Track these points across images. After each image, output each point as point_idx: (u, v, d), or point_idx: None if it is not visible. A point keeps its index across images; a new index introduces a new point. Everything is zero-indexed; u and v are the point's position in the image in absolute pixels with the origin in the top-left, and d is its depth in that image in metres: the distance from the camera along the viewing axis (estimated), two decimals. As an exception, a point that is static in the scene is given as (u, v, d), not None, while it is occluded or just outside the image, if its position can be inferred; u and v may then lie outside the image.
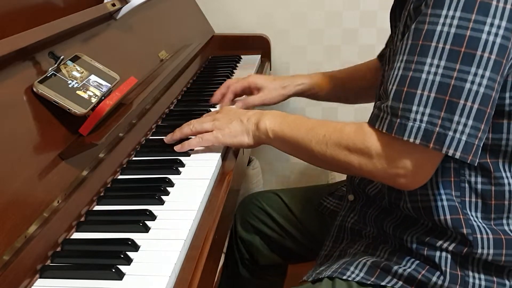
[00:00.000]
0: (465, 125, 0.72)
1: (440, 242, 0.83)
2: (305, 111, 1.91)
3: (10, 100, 0.77)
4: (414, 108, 0.73)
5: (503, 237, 0.82)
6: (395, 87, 0.76)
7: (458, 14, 0.71)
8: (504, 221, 0.83)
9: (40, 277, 0.68)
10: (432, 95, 0.72)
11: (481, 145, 0.74)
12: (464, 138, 0.72)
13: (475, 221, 0.82)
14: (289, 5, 1.80)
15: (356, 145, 0.80)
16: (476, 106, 0.72)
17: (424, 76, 0.73)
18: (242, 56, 1.65)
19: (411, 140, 0.73)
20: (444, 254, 0.83)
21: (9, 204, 0.68)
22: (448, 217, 0.82)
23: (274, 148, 0.94)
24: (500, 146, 0.80)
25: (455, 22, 0.71)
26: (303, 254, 1.19)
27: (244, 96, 1.23)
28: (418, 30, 0.74)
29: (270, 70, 1.75)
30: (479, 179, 0.82)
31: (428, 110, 0.73)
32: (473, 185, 0.83)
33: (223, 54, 1.67)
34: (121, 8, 1.14)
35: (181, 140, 0.99)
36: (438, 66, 0.72)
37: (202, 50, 1.55)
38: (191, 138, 0.98)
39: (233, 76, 1.49)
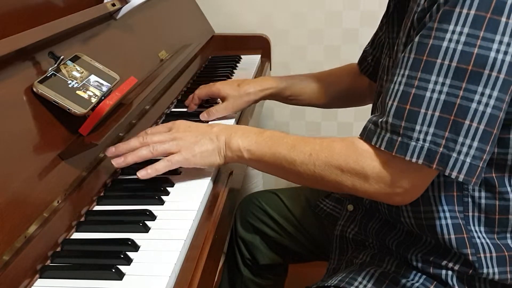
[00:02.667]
0: (470, 146, 0.69)
1: (445, 262, 0.82)
2: (305, 111, 1.91)
3: (10, 100, 0.77)
4: (418, 127, 0.70)
5: (506, 254, 0.81)
6: (396, 103, 0.72)
7: (466, 30, 0.67)
8: (508, 235, 0.82)
9: (40, 277, 0.69)
10: (437, 114, 0.69)
11: (485, 166, 0.71)
12: (468, 160, 0.69)
13: (478, 237, 0.81)
14: (289, 5, 1.80)
15: (349, 165, 0.76)
16: (482, 127, 0.69)
17: (428, 94, 0.70)
18: (242, 56, 1.65)
19: (414, 160, 0.70)
20: (450, 272, 0.82)
21: (9, 204, 0.68)
22: (452, 236, 0.81)
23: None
24: (506, 160, 0.79)
25: (463, 38, 0.68)
26: (303, 254, 1.19)
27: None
28: (422, 45, 0.71)
29: (270, 70, 1.75)
30: (483, 194, 0.80)
31: (432, 130, 0.70)
32: (476, 200, 0.81)
33: (223, 54, 1.67)
34: (121, 8, 1.14)
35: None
36: (443, 84, 0.69)
37: (202, 50, 1.55)
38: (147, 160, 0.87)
39: (233, 76, 1.49)
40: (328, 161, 0.77)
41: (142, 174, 0.85)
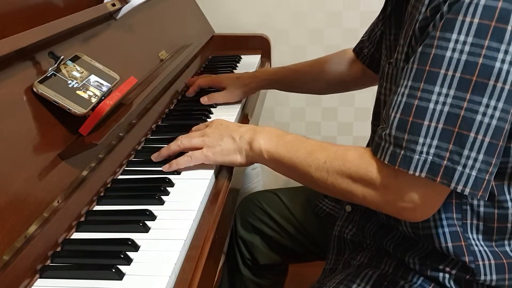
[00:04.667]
0: (475, 159, 0.67)
1: (442, 266, 0.82)
2: (305, 111, 1.92)
3: (10, 100, 0.77)
4: (421, 140, 0.68)
5: (505, 261, 0.80)
6: (399, 115, 0.70)
7: (470, 39, 0.65)
8: (506, 242, 0.81)
9: (40, 277, 0.69)
10: (440, 126, 0.67)
11: (492, 179, 0.69)
12: (474, 173, 0.67)
13: (476, 245, 0.80)
14: (289, 5, 1.80)
15: (360, 175, 0.75)
16: (487, 139, 0.66)
17: (431, 105, 0.67)
18: (242, 56, 1.65)
19: (417, 173, 0.69)
20: (447, 275, 0.82)
21: (9, 204, 0.68)
22: (449, 244, 0.80)
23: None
24: (505, 169, 0.77)
25: (467, 48, 0.65)
26: (303, 254, 1.19)
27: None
28: (425, 54, 0.68)
29: (270, 70, 1.75)
30: (482, 202, 0.79)
31: (435, 142, 0.68)
32: (475, 208, 0.80)
33: (223, 54, 1.67)
34: (121, 8, 1.14)
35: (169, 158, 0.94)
36: (447, 96, 0.67)
37: (202, 50, 1.55)
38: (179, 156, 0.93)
39: (233, 76, 1.49)
40: (340, 170, 0.77)
41: (165, 167, 0.91)
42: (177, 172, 0.92)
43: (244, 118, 1.22)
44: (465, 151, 0.67)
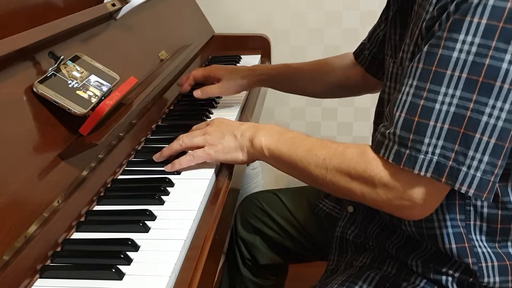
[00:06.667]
0: (480, 161, 0.67)
1: (445, 269, 0.82)
2: (305, 111, 1.92)
3: (10, 100, 0.77)
4: (426, 140, 0.68)
5: (508, 263, 0.80)
6: (404, 114, 0.70)
7: (477, 40, 0.65)
8: (509, 243, 0.81)
9: (40, 277, 0.69)
10: (446, 126, 0.67)
11: (497, 181, 0.69)
12: (479, 174, 0.67)
13: (480, 246, 0.80)
14: (289, 5, 1.80)
15: (358, 172, 0.75)
16: (493, 141, 0.66)
17: (437, 106, 0.67)
18: (242, 56, 1.65)
19: (422, 173, 0.69)
20: (450, 278, 0.82)
21: (9, 204, 0.68)
22: (453, 245, 0.80)
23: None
24: (509, 170, 0.77)
25: (474, 49, 0.65)
26: (303, 255, 1.19)
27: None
28: (431, 54, 0.68)
29: (270, 70, 1.75)
30: (485, 203, 0.79)
31: (441, 142, 0.68)
32: (478, 209, 0.80)
33: (223, 54, 1.67)
34: (121, 8, 1.14)
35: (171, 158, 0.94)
36: (453, 96, 0.67)
37: (202, 50, 1.55)
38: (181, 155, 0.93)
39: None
40: (338, 167, 0.77)
41: (167, 167, 0.92)
42: (177, 172, 0.92)
43: (244, 119, 1.22)
44: (470, 152, 0.67)
